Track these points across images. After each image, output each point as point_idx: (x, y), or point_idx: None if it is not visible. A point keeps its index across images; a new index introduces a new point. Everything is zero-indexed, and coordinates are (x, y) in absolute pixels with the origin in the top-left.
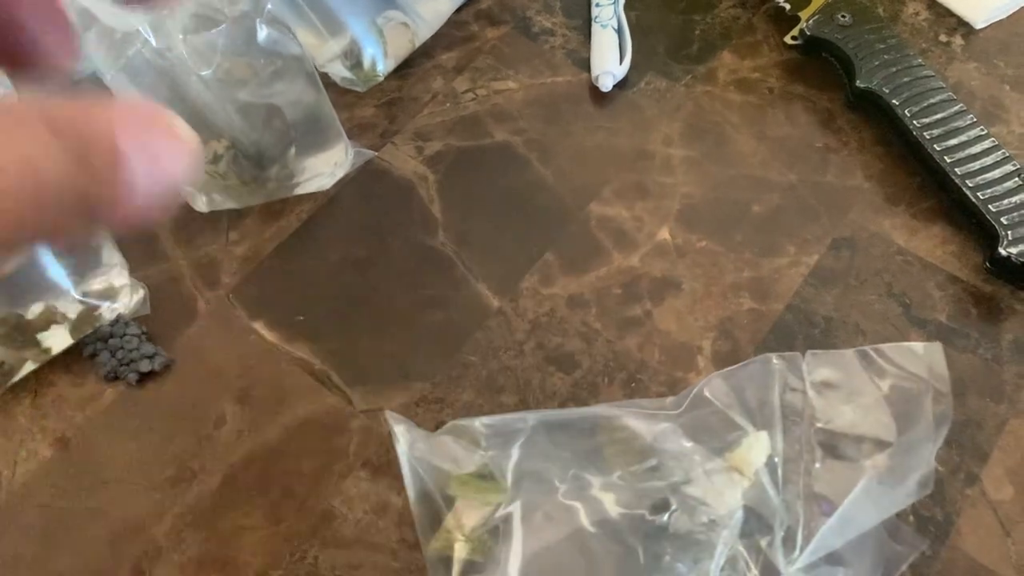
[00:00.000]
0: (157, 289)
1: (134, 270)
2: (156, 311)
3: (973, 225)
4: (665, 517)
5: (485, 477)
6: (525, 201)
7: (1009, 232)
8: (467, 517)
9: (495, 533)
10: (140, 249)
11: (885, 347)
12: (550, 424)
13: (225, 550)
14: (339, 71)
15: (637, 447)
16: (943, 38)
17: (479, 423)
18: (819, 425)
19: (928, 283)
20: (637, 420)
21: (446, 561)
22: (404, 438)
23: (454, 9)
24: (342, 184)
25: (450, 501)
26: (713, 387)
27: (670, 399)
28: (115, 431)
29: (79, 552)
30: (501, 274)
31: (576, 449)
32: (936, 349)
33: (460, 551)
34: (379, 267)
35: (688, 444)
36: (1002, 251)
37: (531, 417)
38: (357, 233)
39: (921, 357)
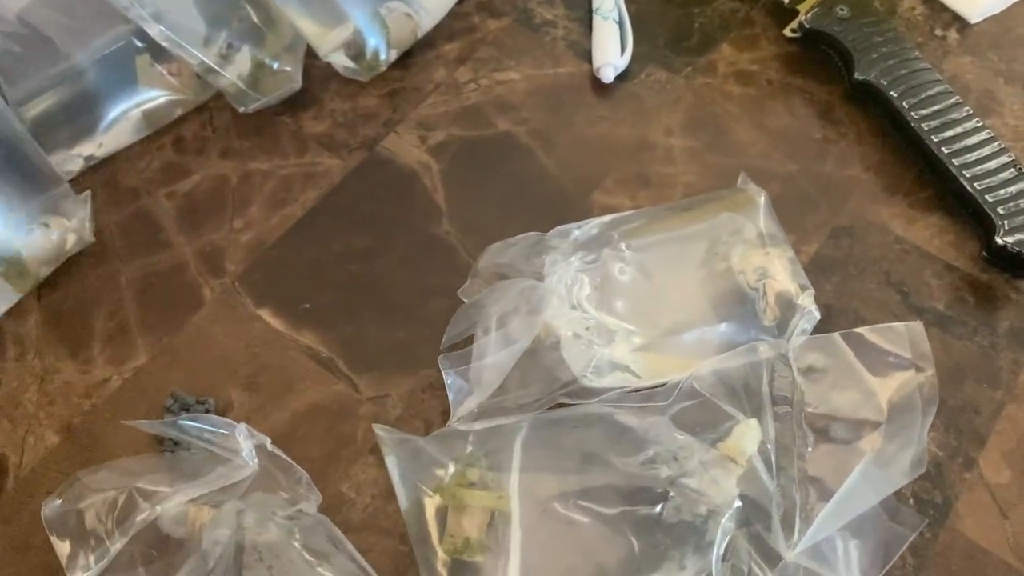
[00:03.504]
0: (162, 277)
1: (139, 259)
2: (161, 299)
3: (969, 215)
4: (663, 509)
5: (475, 484)
6: (528, 190)
7: (1005, 221)
8: (463, 523)
9: (493, 535)
10: (144, 237)
11: (868, 329)
12: (542, 425)
13: None
14: (342, 61)
15: (631, 442)
16: (939, 32)
17: (469, 428)
18: (809, 410)
19: (926, 271)
20: (628, 415)
21: (447, 566)
22: (392, 450)
23: (456, 0)
24: (346, 173)
25: (442, 509)
26: (701, 378)
27: (660, 391)
28: (122, 417)
29: None
30: None
31: (570, 447)
32: (917, 328)
33: (460, 555)
34: (384, 255)
35: (680, 436)
36: (998, 240)
37: (523, 419)
38: (361, 221)
39: (903, 336)
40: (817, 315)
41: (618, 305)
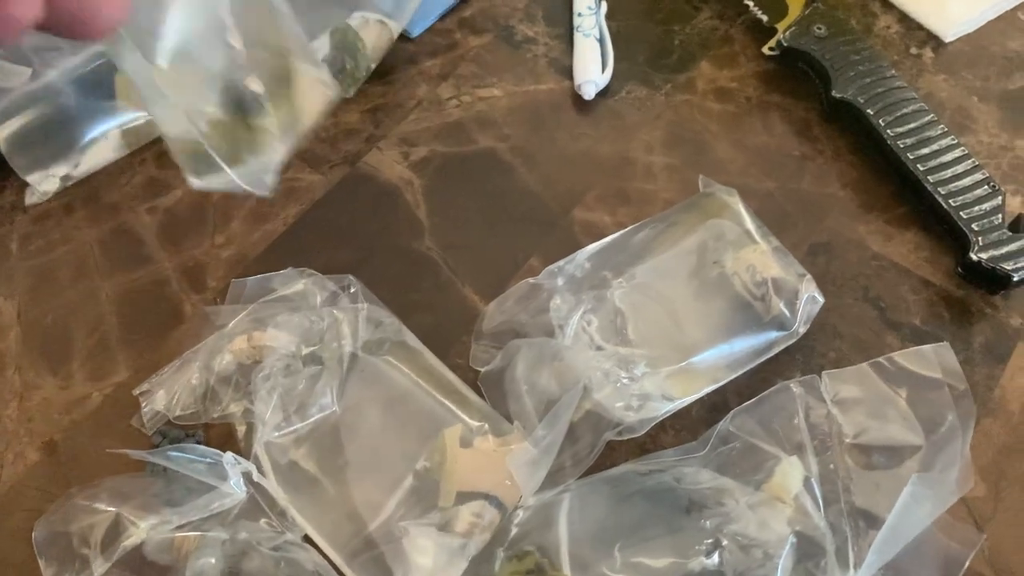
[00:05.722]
0: (143, 293)
1: (120, 274)
2: (142, 314)
3: (945, 231)
4: (718, 559)
5: (533, 572)
6: (510, 206)
7: (979, 238)
8: None
9: None
10: (125, 252)
11: (897, 355)
12: (582, 493)
13: None
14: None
15: (672, 495)
16: (914, 50)
17: (512, 518)
18: (848, 441)
19: (902, 287)
20: (668, 471)
21: None
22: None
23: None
24: (328, 189)
25: None
26: (736, 421)
27: (695, 443)
28: (102, 434)
29: None
30: (487, 278)
31: (613, 511)
32: (946, 349)
33: None
34: (366, 271)
35: (723, 482)
36: (973, 256)
37: (563, 491)
38: (343, 237)
39: (933, 359)
40: (820, 298)
41: (633, 337)
